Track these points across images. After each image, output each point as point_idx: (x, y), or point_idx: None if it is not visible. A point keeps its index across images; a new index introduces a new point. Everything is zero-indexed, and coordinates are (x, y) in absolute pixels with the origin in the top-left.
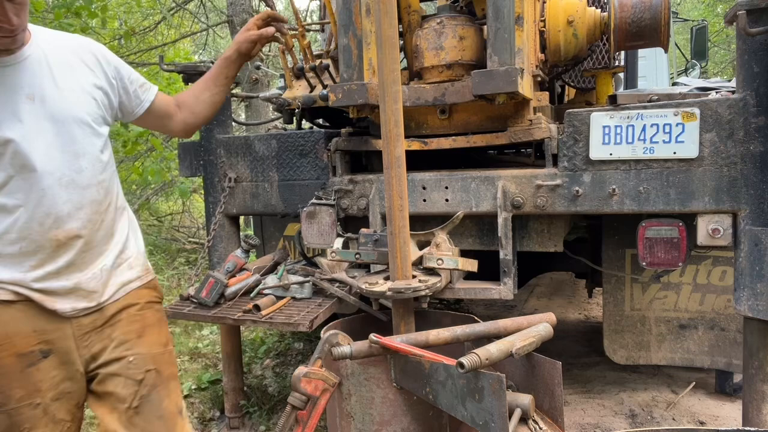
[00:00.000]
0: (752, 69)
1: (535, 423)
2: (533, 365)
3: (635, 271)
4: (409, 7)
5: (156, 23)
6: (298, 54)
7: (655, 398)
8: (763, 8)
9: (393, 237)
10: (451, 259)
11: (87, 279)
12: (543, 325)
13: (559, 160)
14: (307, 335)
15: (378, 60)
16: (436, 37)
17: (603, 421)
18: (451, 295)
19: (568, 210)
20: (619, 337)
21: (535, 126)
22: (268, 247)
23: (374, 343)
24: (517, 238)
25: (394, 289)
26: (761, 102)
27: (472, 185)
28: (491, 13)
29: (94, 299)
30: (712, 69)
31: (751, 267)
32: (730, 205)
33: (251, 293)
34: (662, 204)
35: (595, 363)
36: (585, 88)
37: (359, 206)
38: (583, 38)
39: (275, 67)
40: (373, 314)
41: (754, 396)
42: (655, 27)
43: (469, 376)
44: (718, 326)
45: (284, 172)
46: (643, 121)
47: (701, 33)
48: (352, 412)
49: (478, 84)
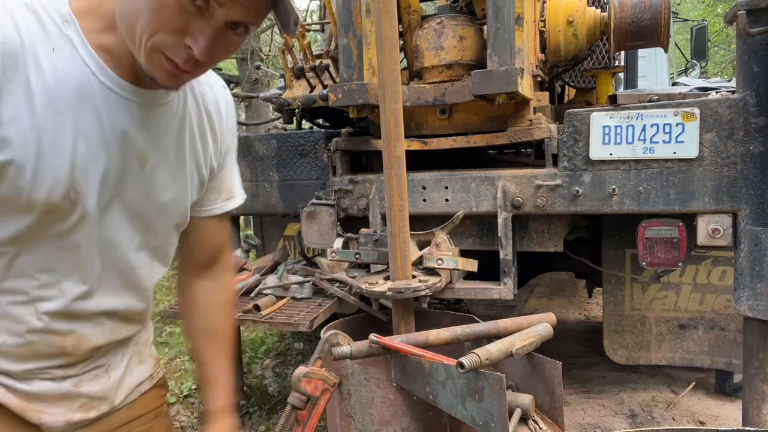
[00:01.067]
0: (752, 69)
1: (535, 423)
2: (533, 365)
3: (635, 271)
4: (409, 7)
5: None
6: (298, 54)
7: (655, 398)
8: (763, 8)
9: (393, 237)
10: (451, 259)
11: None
12: (543, 325)
13: (559, 160)
14: (307, 335)
15: (378, 60)
16: (436, 37)
17: (603, 421)
18: (451, 295)
19: (568, 210)
20: (619, 337)
21: (535, 126)
22: (268, 247)
23: (374, 343)
24: (517, 238)
25: (394, 289)
26: (761, 102)
27: (472, 185)
28: (491, 13)
29: (101, 408)
30: (712, 69)
31: (751, 267)
32: (730, 205)
33: (251, 293)
34: (662, 204)
35: (595, 363)
36: (585, 88)
37: (359, 206)
38: (583, 38)
39: (275, 67)
40: (373, 314)
41: (754, 396)
42: (655, 27)
43: (469, 376)
44: (718, 326)
45: (284, 172)
46: (643, 121)
47: (701, 33)
48: (352, 412)
49: (478, 84)
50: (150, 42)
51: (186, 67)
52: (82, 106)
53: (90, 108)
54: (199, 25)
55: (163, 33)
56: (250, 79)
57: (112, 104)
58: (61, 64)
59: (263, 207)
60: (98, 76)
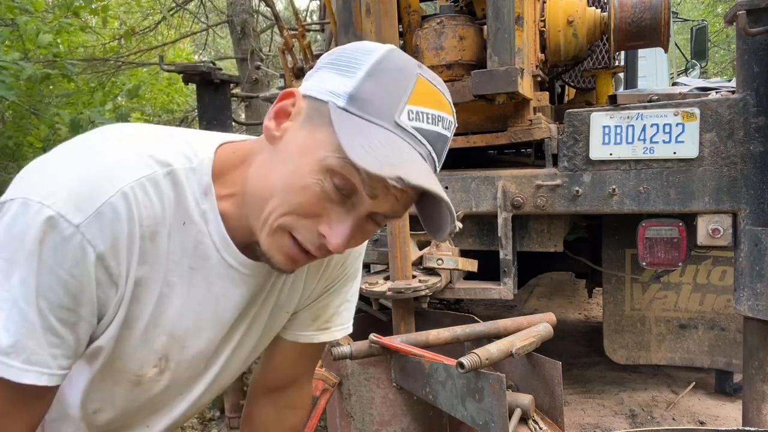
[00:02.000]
0: (752, 69)
1: (535, 423)
2: (533, 365)
3: (635, 271)
4: (409, 7)
5: (156, 23)
6: (298, 54)
7: (655, 398)
8: (763, 8)
9: (393, 237)
10: (451, 259)
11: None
12: (543, 325)
13: (559, 160)
14: None
15: None
16: (436, 37)
17: (603, 421)
18: (451, 295)
19: (568, 210)
20: (619, 337)
21: (535, 126)
22: None
23: (374, 343)
24: (517, 238)
25: (394, 289)
26: (761, 102)
27: (472, 185)
28: (491, 13)
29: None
30: (712, 69)
31: (751, 267)
32: (730, 205)
33: None
34: (662, 204)
35: (595, 363)
36: (585, 88)
37: None
38: (583, 38)
39: (275, 67)
40: (373, 314)
41: (754, 396)
42: (655, 27)
43: (469, 376)
44: (718, 326)
45: None
46: (643, 121)
47: (701, 33)
48: (352, 412)
49: (478, 84)
50: (279, 221)
51: (318, 254)
52: (196, 277)
53: (204, 279)
54: (339, 215)
55: (296, 215)
56: (250, 79)
57: (227, 278)
58: (187, 237)
59: None
60: (221, 252)
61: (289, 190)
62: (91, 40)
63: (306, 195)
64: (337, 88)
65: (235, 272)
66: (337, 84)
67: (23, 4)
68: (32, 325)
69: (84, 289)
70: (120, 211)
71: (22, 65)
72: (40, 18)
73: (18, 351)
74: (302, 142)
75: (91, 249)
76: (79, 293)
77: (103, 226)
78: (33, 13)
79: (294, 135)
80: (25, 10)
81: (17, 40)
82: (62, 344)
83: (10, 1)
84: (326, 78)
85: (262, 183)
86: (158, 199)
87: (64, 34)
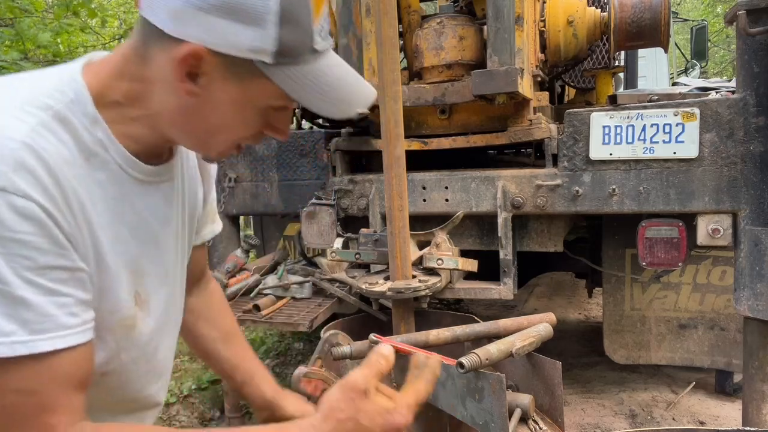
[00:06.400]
0: (752, 69)
1: (535, 423)
2: (533, 365)
3: (635, 271)
4: (409, 7)
5: None
6: None
7: (655, 398)
8: (763, 8)
9: (393, 237)
10: (451, 259)
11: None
12: (543, 325)
13: (559, 160)
14: (307, 335)
15: (378, 60)
16: (436, 37)
17: (603, 421)
18: (451, 295)
19: (568, 210)
20: (619, 337)
21: (535, 126)
22: (268, 247)
23: (374, 343)
24: (517, 238)
25: (394, 289)
26: (761, 102)
27: (472, 185)
28: (491, 13)
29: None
30: (712, 69)
31: (751, 267)
32: (730, 205)
33: (251, 293)
34: (662, 204)
35: (595, 363)
36: (585, 88)
37: (359, 206)
38: (583, 38)
39: None
40: (373, 314)
41: (754, 396)
42: (655, 27)
43: (469, 376)
44: (718, 326)
45: (284, 172)
46: (643, 121)
47: (701, 33)
48: None
49: (478, 84)
50: (229, 145)
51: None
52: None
53: (128, 205)
54: (281, 118)
55: (244, 139)
56: None
57: (143, 194)
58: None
59: (263, 207)
60: (129, 172)
61: (235, 129)
62: (90, 40)
63: (251, 129)
64: (253, 44)
65: (148, 184)
66: (249, 38)
67: (23, 4)
68: (23, 299)
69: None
70: (31, 162)
71: (22, 65)
72: (40, 18)
73: (21, 325)
74: (235, 96)
75: (31, 203)
76: (50, 247)
77: (28, 179)
78: (33, 13)
79: (220, 88)
80: (25, 10)
81: (17, 40)
82: (68, 301)
83: (10, 1)
84: (226, 29)
85: (199, 126)
86: (58, 141)
87: (64, 34)
